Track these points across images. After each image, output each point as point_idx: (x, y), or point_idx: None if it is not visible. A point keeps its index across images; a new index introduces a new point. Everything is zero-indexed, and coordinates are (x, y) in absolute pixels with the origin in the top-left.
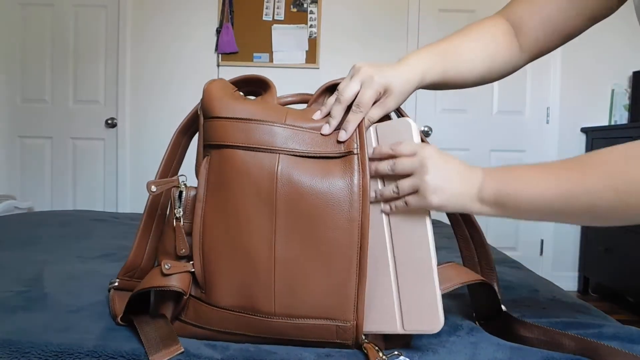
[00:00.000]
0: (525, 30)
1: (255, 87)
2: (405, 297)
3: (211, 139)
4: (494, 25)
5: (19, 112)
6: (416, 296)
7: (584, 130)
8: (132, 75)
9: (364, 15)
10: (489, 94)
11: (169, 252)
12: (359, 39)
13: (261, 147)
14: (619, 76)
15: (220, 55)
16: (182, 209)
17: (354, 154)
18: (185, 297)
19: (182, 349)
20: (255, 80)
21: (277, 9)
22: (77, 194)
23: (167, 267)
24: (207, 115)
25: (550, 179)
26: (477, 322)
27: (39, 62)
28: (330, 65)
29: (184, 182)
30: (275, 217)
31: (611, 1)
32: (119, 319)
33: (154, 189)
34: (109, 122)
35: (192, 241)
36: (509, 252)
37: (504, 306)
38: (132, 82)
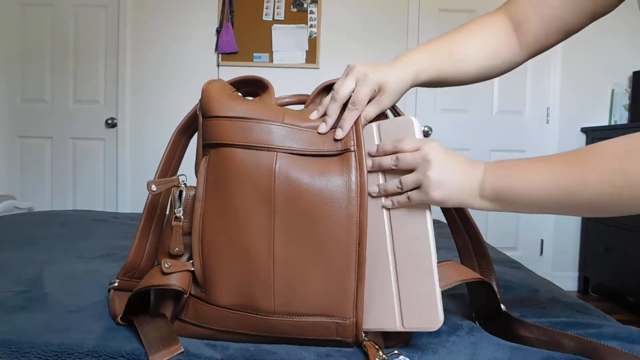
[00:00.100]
0: (525, 26)
1: (253, 87)
2: (404, 294)
3: (210, 138)
4: (494, 21)
5: (19, 112)
6: (416, 293)
7: (584, 130)
8: (132, 75)
9: (364, 15)
10: (489, 93)
11: (168, 252)
12: (359, 39)
13: (259, 146)
14: (619, 76)
15: (220, 55)
16: (182, 209)
17: (351, 152)
18: (185, 295)
19: (182, 349)
20: (253, 80)
21: (277, 9)
22: (77, 194)
23: (167, 265)
24: (206, 114)
25: (549, 173)
26: (477, 322)
27: (39, 62)
28: (330, 65)
29: (184, 181)
30: (273, 215)
31: None
32: (118, 318)
33: (154, 188)
34: (109, 122)
35: (191, 240)
36: (509, 252)
37: (504, 306)
38: (132, 82)
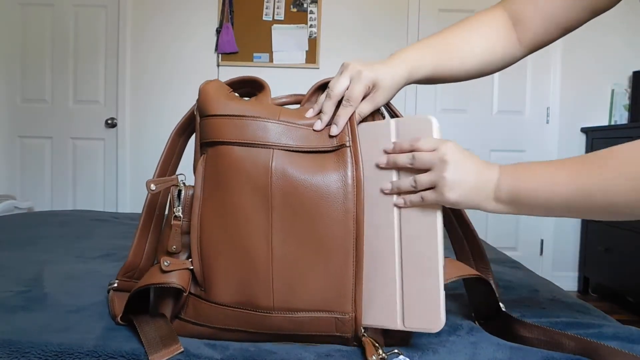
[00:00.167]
0: (525, 22)
1: (250, 88)
2: (408, 294)
3: (207, 136)
4: (492, 17)
5: (19, 112)
6: (419, 294)
7: (584, 130)
8: (132, 75)
9: (364, 15)
10: (489, 93)
11: (167, 250)
12: (359, 39)
13: (255, 143)
14: (619, 76)
15: (220, 55)
16: (181, 207)
17: (347, 147)
18: (185, 294)
19: (182, 349)
20: (250, 81)
21: (277, 9)
22: (77, 194)
23: (167, 263)
24: (203, 113)
25: (569, 175)
26: (477, 322)
27: (39, 62)
28: (330, 65)
29: (182, 181)
30: (271, 211)
31: None
32: (118, 318)
33: (153, 187)
34: (109, 122)
35: (190, 239)
36: (509, 252)
37: (504, 306)
38: (132, 82)
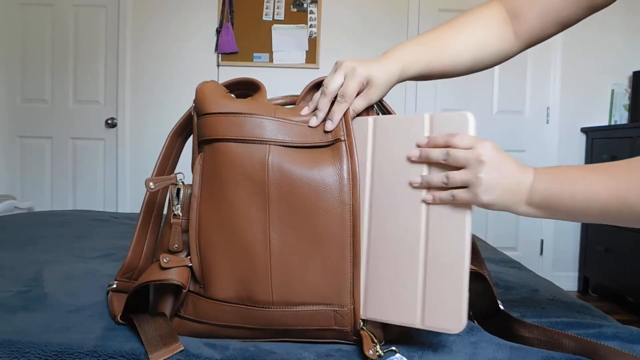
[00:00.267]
0: (522, 17)
1: (245, 89)
2: (430, 292)
3: (204, 134)
4: (489, 12)
5: (19, 112)
6: (442, 293)
7: (584, 130)
8: (132, 75)
9: (364, 15)
10: (489, 93)
11: (167, 249)
12: (359, 39)
13: (252, 139)
14: (619, 76)
15: (220, 55)
16: (180, 206)
17: (342, 141)
18: (184, 290)
19: (182, 347)
20: (245, 82)
21: (277, 9)
22: (77, 194)
23: (166, 260)
24: (200, 113)
25: (605, 183)
26: (475, 321)
27: (39, 62)
28: (330, 65)
29: (181, 180)
30: (268, 206)
31: None
32: (118, 317)
33: (152, 185)
34: (109, 122)
35: (188, 236)
36: (509, 252)
37: (503, 305)
38: (132, 82)
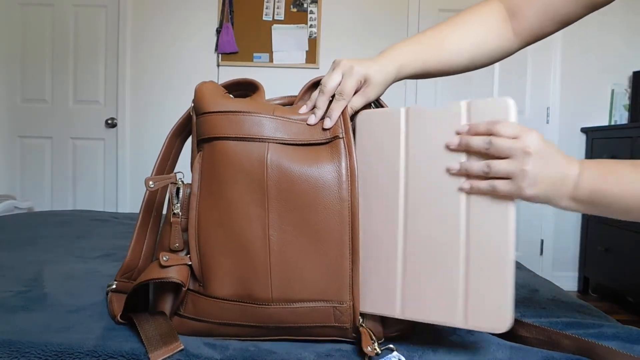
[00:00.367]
0: (521, 15)
1: (244, 89)
2: (474, 290)
3: (203, 133)
4: (487, 10)
5: (19, 112)
6: (488, 291)
7: (584, 130)
8: (132, 75)
9: (364, 15)
10: (489, 93)
11: (167, 248)
12: (359, 39)
13: (250, 137)
14: (619, 76)
15: (220, 55)
16: (179, 205)
17: (340, 138)
18: (184, 289)
19: (182, 347)
20: (244, 82)
21: (277, 9)
22: (77, 194)
23: (165, 258)
24: (199, 112)
25: None
26: None
27: (39, 62)
28: (330, 65)
29: (181, 179)
30: (267, 204)
31: None
32: (118, 317)
33: (151, 184)
34: (109, 122)
35: (188, 235)
36: None
37: None
38: (132, 82)
